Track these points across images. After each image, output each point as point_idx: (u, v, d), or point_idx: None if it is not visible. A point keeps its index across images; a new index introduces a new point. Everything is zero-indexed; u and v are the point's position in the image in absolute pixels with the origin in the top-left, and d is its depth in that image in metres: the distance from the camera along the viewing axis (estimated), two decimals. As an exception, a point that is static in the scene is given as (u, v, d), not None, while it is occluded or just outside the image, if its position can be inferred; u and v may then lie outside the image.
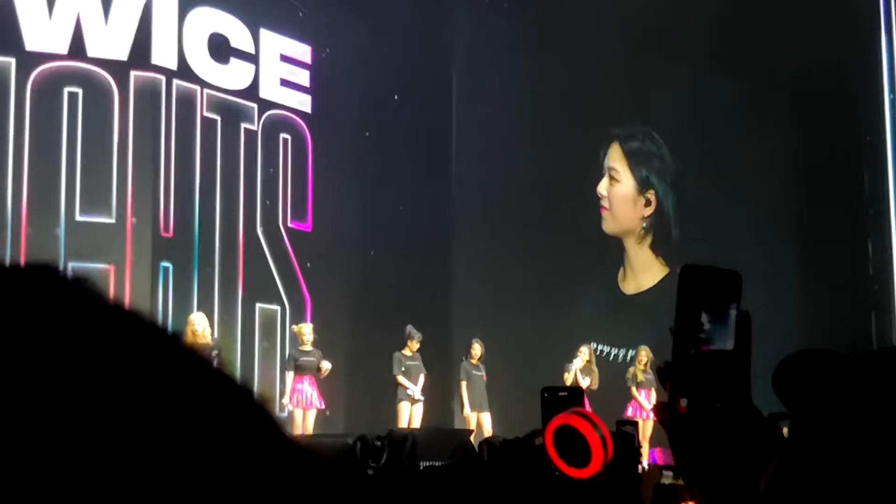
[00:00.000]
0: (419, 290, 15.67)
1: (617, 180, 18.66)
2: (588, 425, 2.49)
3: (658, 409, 1.37)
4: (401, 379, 13.93)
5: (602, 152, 18.85)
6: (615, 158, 18.81)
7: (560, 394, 2.89)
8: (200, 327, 12.19)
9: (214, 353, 12.42)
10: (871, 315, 18.25)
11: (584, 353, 15.05)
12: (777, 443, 1.29)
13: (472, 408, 14.40)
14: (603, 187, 18.58)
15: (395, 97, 15.99)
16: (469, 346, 14.80)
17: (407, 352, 14.04)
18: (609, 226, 18.64)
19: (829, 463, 1.10)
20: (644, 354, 15.55)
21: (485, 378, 14.63)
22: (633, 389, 15.42)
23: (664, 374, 1.34)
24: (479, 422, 14.35)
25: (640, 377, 15.44)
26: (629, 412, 15.00)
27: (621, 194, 18.70)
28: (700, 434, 1.32)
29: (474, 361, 14.63)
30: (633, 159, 19.00)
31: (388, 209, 15.83)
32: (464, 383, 14.52)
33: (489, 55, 17.62)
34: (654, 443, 14.38)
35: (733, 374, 1.33)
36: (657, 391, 15.40)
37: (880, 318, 18.17)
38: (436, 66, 16.62)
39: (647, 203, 18.86)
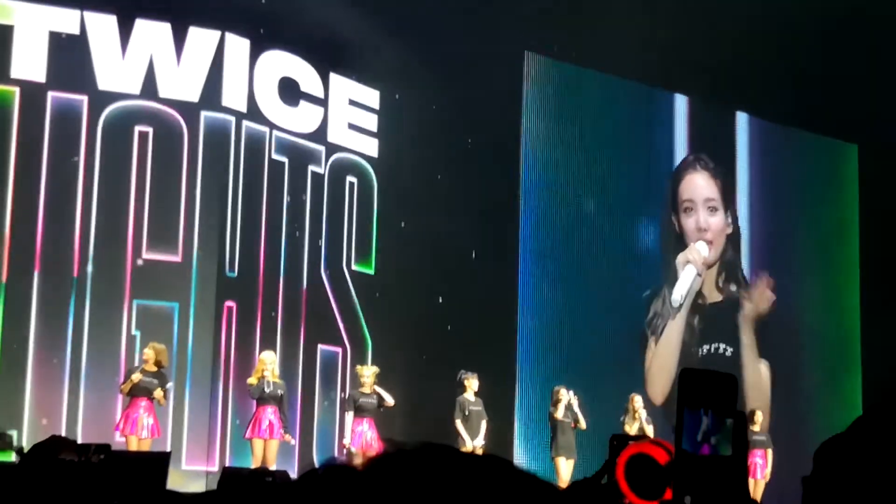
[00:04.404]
0: (485, 338, 15.55)
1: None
2: (663, 453, 2.38)
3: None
4: (458, 426, 13.79)
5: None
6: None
7: (630, 442, 2.83)
8: (271, 366, 12.55)
9: (280, 392, 12.53)
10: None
11: (630, 400, 14.80)
12: None
13: (568, 455, 14.15)
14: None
15: (469, 141, 15.97)
16: (555, 393, 14.50)
17: (469, 395, 13.90)
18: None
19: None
20: (757, 415, 15.31)
21: (573, 425, 14.35)
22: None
23: (668, 472, 1.57)
24: (558, 469, 14.06)
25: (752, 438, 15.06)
26: None
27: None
28: None
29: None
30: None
31: (457, 255, 15.71)
32: (557, 429, 14.27)
33: (558, 102, 17.58)
34: None
35: (732, 476, 1.48)
36: (774, 452, 15.06)
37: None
38: (505, 112, 16.57)
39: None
